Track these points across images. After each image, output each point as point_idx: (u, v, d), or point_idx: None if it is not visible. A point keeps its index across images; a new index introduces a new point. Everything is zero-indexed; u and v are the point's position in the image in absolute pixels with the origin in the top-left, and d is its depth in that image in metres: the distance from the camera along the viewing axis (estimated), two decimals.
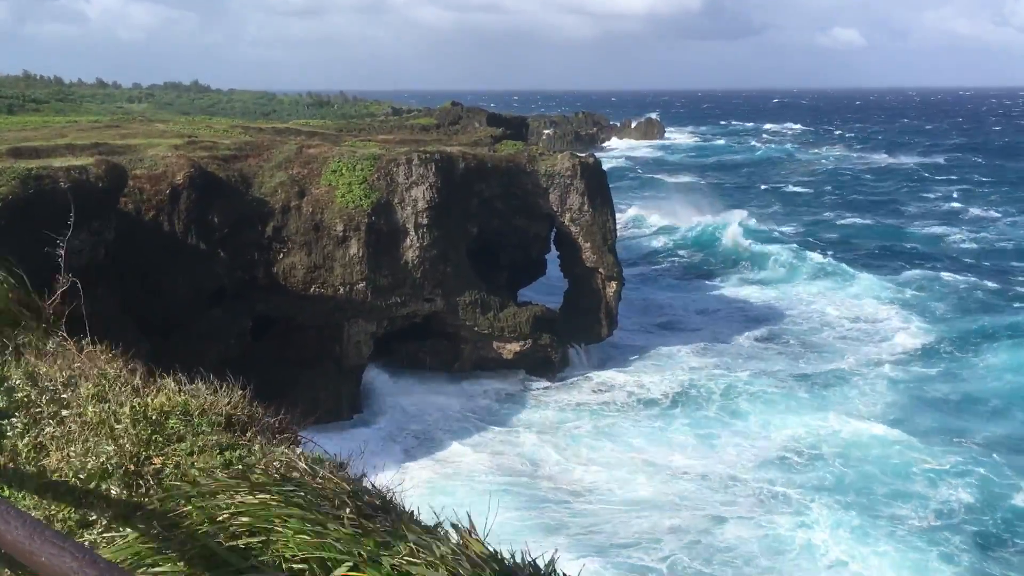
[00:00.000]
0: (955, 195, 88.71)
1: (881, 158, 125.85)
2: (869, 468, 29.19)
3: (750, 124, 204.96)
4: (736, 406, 34.90)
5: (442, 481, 28.52)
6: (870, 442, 31.08)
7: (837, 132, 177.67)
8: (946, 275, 54.62)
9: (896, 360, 39.81)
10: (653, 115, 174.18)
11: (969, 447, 30.95)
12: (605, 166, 44.18)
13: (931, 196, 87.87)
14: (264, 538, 2.92)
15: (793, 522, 25.58)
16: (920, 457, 29.67)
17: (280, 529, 2.94)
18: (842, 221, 75.54)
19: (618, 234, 43.58)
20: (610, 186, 42.50)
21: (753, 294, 51.29)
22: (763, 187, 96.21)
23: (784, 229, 72.36)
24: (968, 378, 38.08)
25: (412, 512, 3.35)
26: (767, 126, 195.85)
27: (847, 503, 26.71)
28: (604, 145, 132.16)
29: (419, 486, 26.11)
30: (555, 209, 39.68)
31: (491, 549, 3.00)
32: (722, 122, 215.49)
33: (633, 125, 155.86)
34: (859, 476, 28.68)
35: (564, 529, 25.41)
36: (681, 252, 62.26)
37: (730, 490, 27.79)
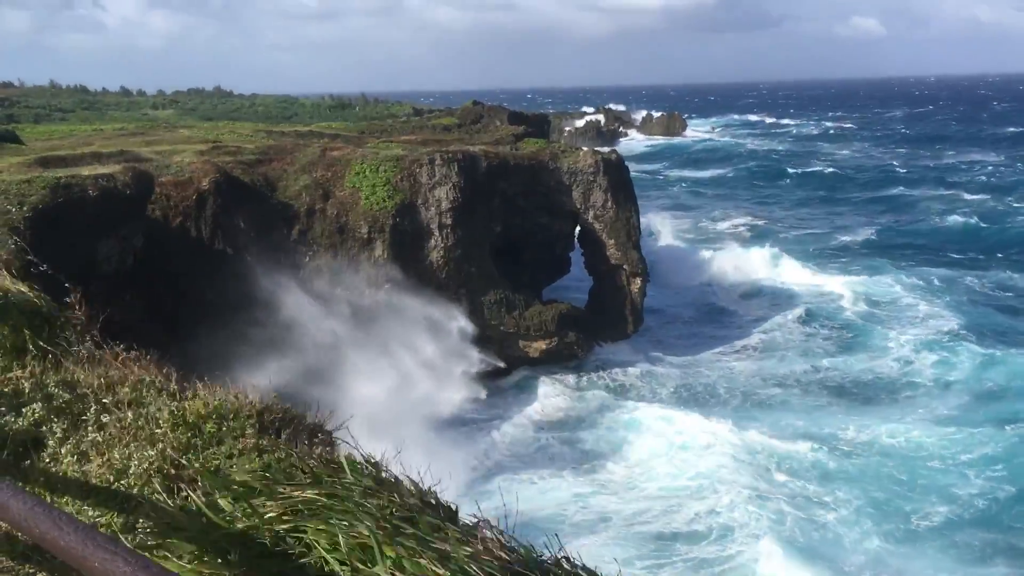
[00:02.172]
0: (978, 186, 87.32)
1: (901, 149, 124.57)
2: (910, 461, 29.01)
3: (771, 119, 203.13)
4: (770, 398, 34.78)
5: (476, 476, 28.57)
6: (915, 434, 30.97)
7: (854, 125, 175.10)
8: (975, 268, 54.01)
9: (932, 355, 39.20)
10: (675, 110, 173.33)
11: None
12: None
13: (953, 189, 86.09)
14: (304, 538, 2.94)
15: (829, 516, 25.41)
16: (966, 450, 29.46)
17: (320, 529, 2.96)
18: (866, 216, 74.73)
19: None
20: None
21: (775, 291, 50.80)
22: (782, 182, 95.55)
23: (809, 223, 71.92)
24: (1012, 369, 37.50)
25: (451, 508, 3.36)
26: (785, 121, 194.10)
27: (885, 497, 26.52)
28: (622, 140, 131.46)
29: (454, 483, 26.15)
30: (578, 206, 39.60)
31: (522, 549, 3.01)
32: (739, 116, 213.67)
33: (655, 119, 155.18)
34: (902, 469, 28.45)
35: (608, 522, 25.44)
36: (705, 248, 61.96)
37: (765, 481, 27.59)
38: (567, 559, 3.03)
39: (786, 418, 32.95)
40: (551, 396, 35.93)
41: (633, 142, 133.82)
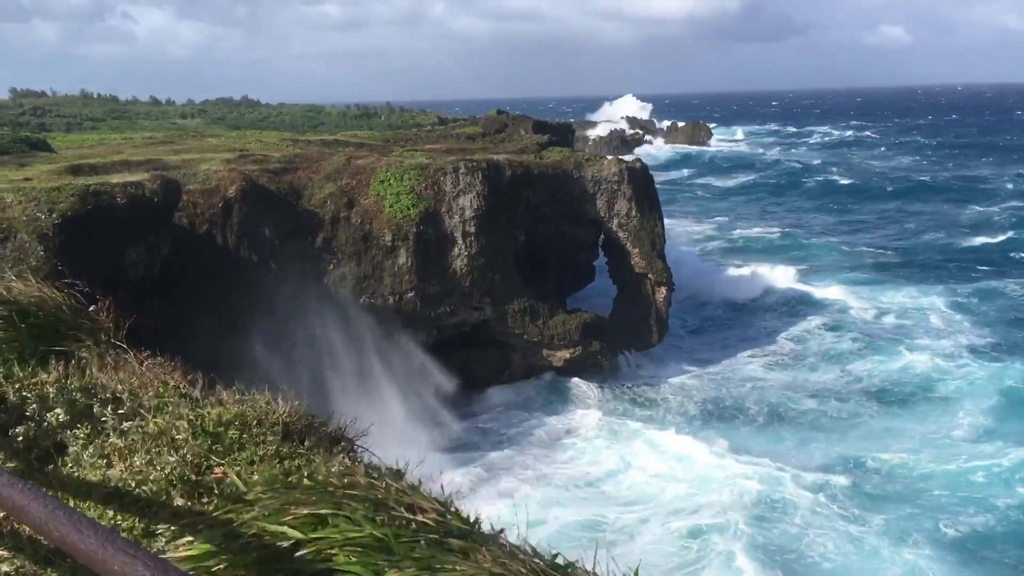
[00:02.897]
0: (1006, 195, 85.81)
1: (925, 160, 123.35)
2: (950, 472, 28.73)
3: (796, 127, 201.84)
4: (801, 415, 34.48)
5: (492, 489, 28.49)
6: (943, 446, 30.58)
7: (879, 135, 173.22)
8: (1005, 280, 53.21)
9: (963, 367, 38.69)
10: (699, 119, 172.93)
11: None
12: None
13: (979, 200, 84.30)
14: (322, 546, 2.92)
15: (854, 530, 25.11)
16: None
17: (337, 537, 2.94)
18: (890, 226, 73.94)
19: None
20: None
21: (799, 301, 50.24)
22: (806, 191, 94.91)
23: (833, 232, 71.37)
24: None
25: (472, 519, 3.33)
26: (810, 129, 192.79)
27: (921, 512, 26.24)
28: (648, 149, 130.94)
29: (472, 493, 26.20)
30: (602, 215, 39.54)
31: (550, 558, 2.97)
32: (763, 125, 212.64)
33: (680, 128, 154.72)
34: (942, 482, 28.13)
35: (646, 523, 25.36)
36: (731, 254, 61.65)
37: (784, 501, 27.25)
38: (589, 570, 2.99)
39: (815, 438, 32.58)
40: (579, 408, 35.79)
41: (658, 150, 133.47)
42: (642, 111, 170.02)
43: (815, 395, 36.46)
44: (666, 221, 43.06)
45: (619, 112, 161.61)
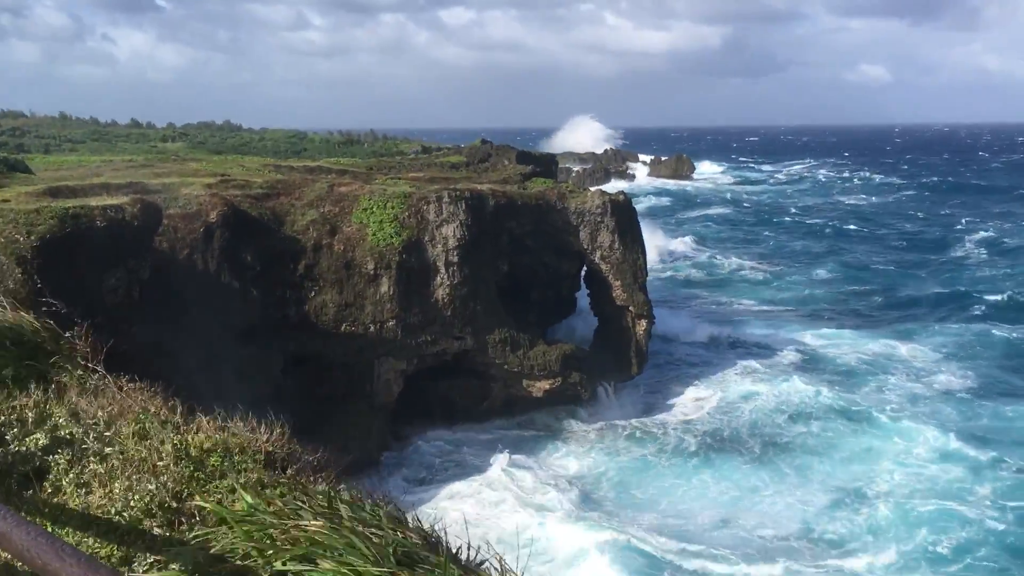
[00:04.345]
0: (979, 240, 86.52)
1: (905, 200, 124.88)
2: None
3: (776, 163, 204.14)
4: (777, 449, 34.58)
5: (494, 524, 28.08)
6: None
7: (860, 171, 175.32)
8: (987, 324, 53.61)
9: (942, 400, 39.12)
10: (682, 153, 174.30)
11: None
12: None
13: (955, 245, 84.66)
14: (305, 574, 2.90)
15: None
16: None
17: (324, 566, 2.92)
18: (868, 266, 74.59)
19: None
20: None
21: (772, 336, 50.47)
22: (784, 227, 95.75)
23: (810, 267, 72.00)
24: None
25: (455, 549, 3.32)
26: (789, 164, 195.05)
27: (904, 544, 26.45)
28: (630, 183, 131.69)
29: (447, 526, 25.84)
30: (585, 247, 39.70)
31: None
32: (744, 159, 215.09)
33: (663, 161, 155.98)
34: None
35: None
36: (710, 288, 61.99)
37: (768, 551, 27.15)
38: None
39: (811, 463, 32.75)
40: (565, 448, 35.60)
41: (641, 183, 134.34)
42: (605, 141, 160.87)
43: (796, 419, 36.81)
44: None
45: (574, 141, 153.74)
